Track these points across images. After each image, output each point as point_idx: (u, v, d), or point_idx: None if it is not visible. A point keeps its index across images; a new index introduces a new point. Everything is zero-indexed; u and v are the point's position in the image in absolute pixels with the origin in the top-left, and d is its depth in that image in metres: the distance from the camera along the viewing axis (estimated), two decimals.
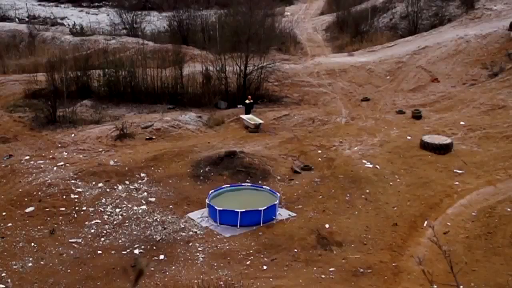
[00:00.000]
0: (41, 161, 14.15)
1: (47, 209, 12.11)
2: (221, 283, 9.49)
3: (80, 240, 11.12)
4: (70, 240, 11.11)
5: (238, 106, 18.47)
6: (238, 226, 11.53)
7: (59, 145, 15.35)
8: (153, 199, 12.68)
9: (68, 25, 31.03)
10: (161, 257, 10.50)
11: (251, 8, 21.21)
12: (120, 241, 11.11)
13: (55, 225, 11.58)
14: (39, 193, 12.64)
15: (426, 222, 11.15)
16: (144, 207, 12.36)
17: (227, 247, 10.83)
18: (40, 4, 39.60)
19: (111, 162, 14.21)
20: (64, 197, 12.57)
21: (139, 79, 19.16)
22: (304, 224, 11.57)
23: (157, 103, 18.69)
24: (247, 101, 17.58)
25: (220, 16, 28.01)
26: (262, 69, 19.47)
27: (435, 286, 7.99)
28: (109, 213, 12.11)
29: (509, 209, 11.29)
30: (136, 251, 10.73)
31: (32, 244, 10.96)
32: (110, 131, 16.04)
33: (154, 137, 16.07)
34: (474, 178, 12.89)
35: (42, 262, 10.39)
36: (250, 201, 12.21)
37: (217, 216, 11.64)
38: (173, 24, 27.83)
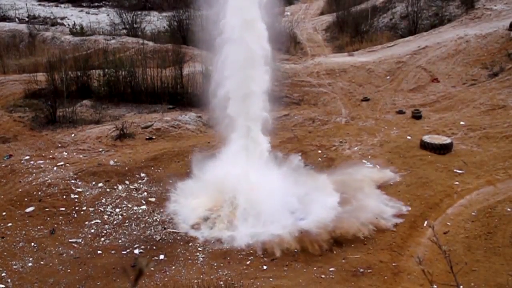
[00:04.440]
0: (41, 161, 14.16)
1: (47, 209, 12.12)
2: (221, 283, 9.50)
3: (80, 240, 11.13)
4: (70, 240, 11.11)
5: None
6: None
7: (59, 145, 15.36)
8: (153, 199, 12.69)
9: (68, 25, 31.00)
10: (161, 257, 10.51)
11: None
12: (120, 241, 11.12)
13: (55, 225, 11.59)
14: (39, 193, 12.65)
15: (426, 222, 11.16)
16: (144, 207, 12.37)
17: (227, 247, 10.84)
18: (40, 4, 39.55)
19: (111, 162, 14.22)
20: (64, 197, 12.58)
21: (139, 79, 19.14)
22: None
23: (157, 103, 18.69)
24: None
25: None
26: None
27: (435, 286, 8.00)
28: (109, 213, 12.11)
29: (509, 209, 11.30)
30: (136, 251, 10.74)
31: (32, 244, 10.96)
32: (110, 131, 16.04)
33: (154, 137, 16.07)
34: (474, 178, 12.89)
35: (42, 262, 10.39)
36: None
37: None
38: (173, 24, 27.83)
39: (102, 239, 11.19)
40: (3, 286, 9.64)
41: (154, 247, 10.85)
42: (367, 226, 10.89)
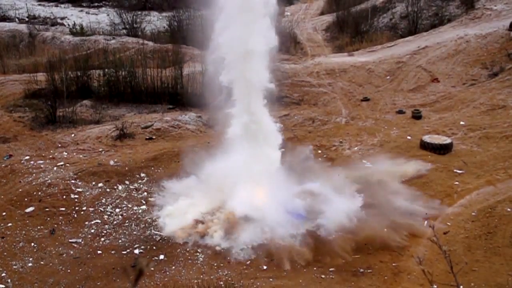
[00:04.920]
0: (41, 161, 14.16)
1: (47, 209, 12.12)
2: (221, 283, 9.49)
3: (80, 240, 11.12)
4: (70, 240, 11.11)
5: None
6: None
7: (59, 145, 15.36)
8: (153, 199, 12.69)
9: (68, 25, 31.02)
10: (161, 257, 10.50)
11: None
12: (120, 241, 11.12)
13: (55, 225, 11.59)
14: (39, 193, 12.65)
15: (426, 222, 11.15)
16: (144, 207, 12.37)
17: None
18: (40, 4, 39.55)
19: (111, 162, 14.22)
20: (64, 197, 12.58)
21: (139, 79, 19.15)
22: None
23: (157, 103, 18.69)
24: None
25: None
26: None
27: (435, 286, 8.00)
28: (109, 213, 12.11)
29: (509, 209, 11.29)
30: (136, 251, 10.74)
31: (32, 244, 10.96)
32: (110, 131, 16.05)
33: (154, 137, 16.07)
34: (474, 178, 12.89)
35: (42, 262, 10.39)
36: None
37: None
38: (173, 24, 27.83)
39: (102, 239, 11.18)
40: (3, 286, 9.64)
41: (154, 247, 10.85)
42: (401, 233, 10.18)
